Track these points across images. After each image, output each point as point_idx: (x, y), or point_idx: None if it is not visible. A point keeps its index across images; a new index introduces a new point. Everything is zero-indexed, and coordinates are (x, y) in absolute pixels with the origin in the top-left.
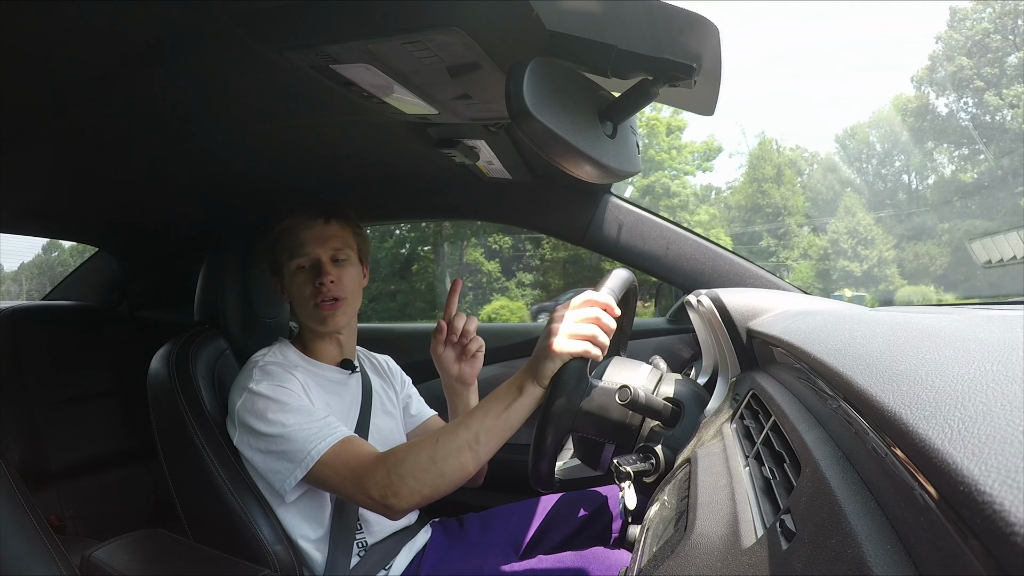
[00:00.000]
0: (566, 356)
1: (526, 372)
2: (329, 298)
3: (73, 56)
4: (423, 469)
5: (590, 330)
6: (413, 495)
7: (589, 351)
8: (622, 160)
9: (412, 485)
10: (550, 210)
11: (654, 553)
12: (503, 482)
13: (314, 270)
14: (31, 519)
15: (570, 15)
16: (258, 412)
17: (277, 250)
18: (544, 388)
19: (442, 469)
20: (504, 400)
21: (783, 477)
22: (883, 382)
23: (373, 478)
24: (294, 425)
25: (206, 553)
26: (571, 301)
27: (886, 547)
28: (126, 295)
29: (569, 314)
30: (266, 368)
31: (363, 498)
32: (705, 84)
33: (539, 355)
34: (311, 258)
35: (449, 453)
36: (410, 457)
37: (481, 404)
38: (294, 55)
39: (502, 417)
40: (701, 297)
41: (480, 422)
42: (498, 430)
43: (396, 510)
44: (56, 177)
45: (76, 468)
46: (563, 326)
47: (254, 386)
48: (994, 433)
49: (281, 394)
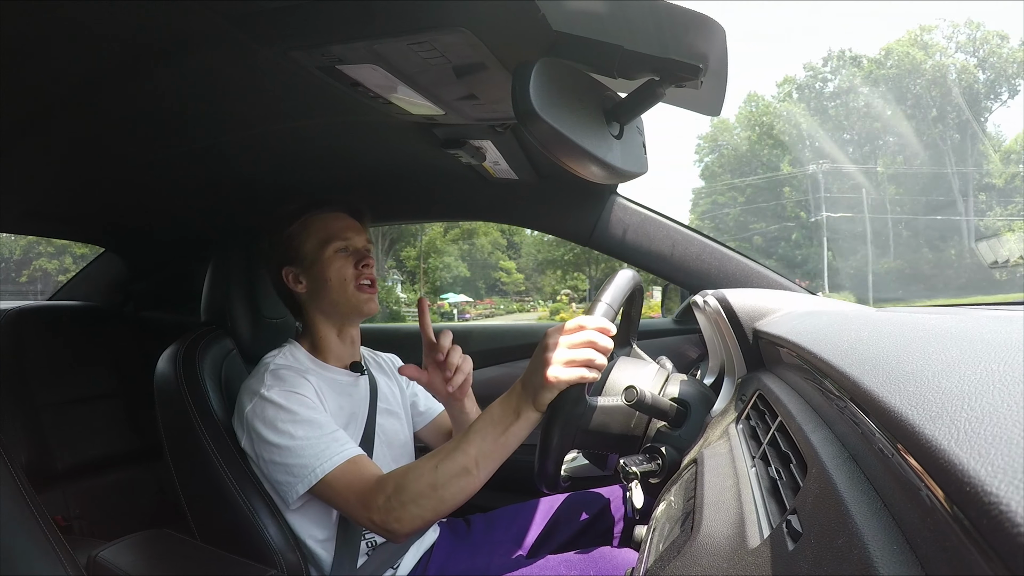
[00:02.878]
0: (562, 385)
1: (522, 396)
2: (369, 282)
3: (77, 56)
4: (424, 496)
5: (585, 355)
6: (415, 520)
7: (585, 377)
8: (628, 161)
9: (413, 511)
10: (556, 210)
11: (661, 553)
12: (509, 482)
13: (356, 254)
14: (37, 519)
15: (576, 15)
16: (268, 420)
17: (301, 239)
18: (541, 413)
19: (442, 495)
20: (501, 424)
21: (789, 478)
22: (890, 383)
23: (375, 503)
24: (302, 438)
25: (212, 553)
26: (564, 325)
27: (892, 548)
28: (131, 295)
29: (563, 340)
30: (278, 373)
31: (365, 521)
32: (711, 84)
33: (535, 383)
34: (352, 244)
35: (449, 479)
36: (410, 484)
37: (478, 427)
38: (300, 56)
39: (499, 441)
40: (707, 297)
41: (478, 447)
42: (496, 454)
43: (398, 535)
44: (61, 177)
45: (82, 468)
46: (557, 354)
47: (265, 392)
48: (1001, 434)
49: (293, 402)
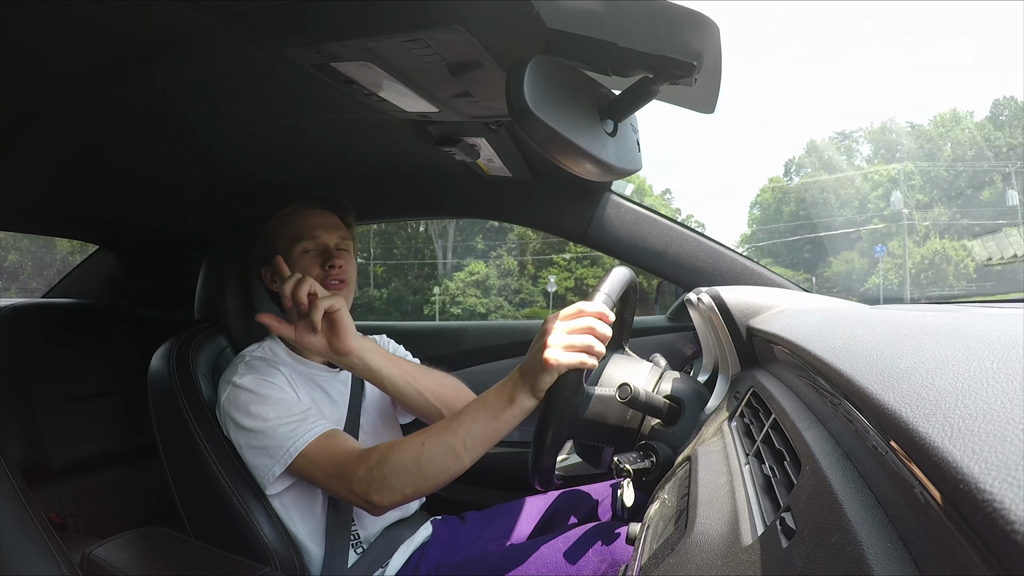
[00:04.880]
0: (562, 369)
1: (518, 383)
2: (336, 279)
3: (72, 54)
4: (406, 470)
5: (584, 341)
6: (395, 493)
7: (585, 362)
8: (623, 158)
9: (394, 484)
10: (551, 208)
11: (654, 551)
12: (504, 479)
13: (323, 254)
14: (31, 517)
15: (571, 13)
16: (240, 406)
17: (275, 237)
18: (538, 400)
19: (425, 472)
20: (494, 409)
21: (783, 475)
22: (883, 380)
23: (356, 474)
24: (274, 419)
25: (206, 551)
26: (563, 311)
27: (886, 545)
28: (126, 293)
29: (562, 325)
30: (251, 363)
31: (345, 492)
32: (705, 82)
33: (533, 367)
34: (319, 242)
35: (434, 457)
36: (394, 456)
37: (470, 409)
38: (294, 53)
39: (490, 426)
40: (701, 295)
41: (467, 429)
42: (485, 438)
43: (378, 506)
44: (56, 175)
45: (76, 466)
46: (556, 338)
47: (238, 379)
48: (994, 431)
49: (263, 388)
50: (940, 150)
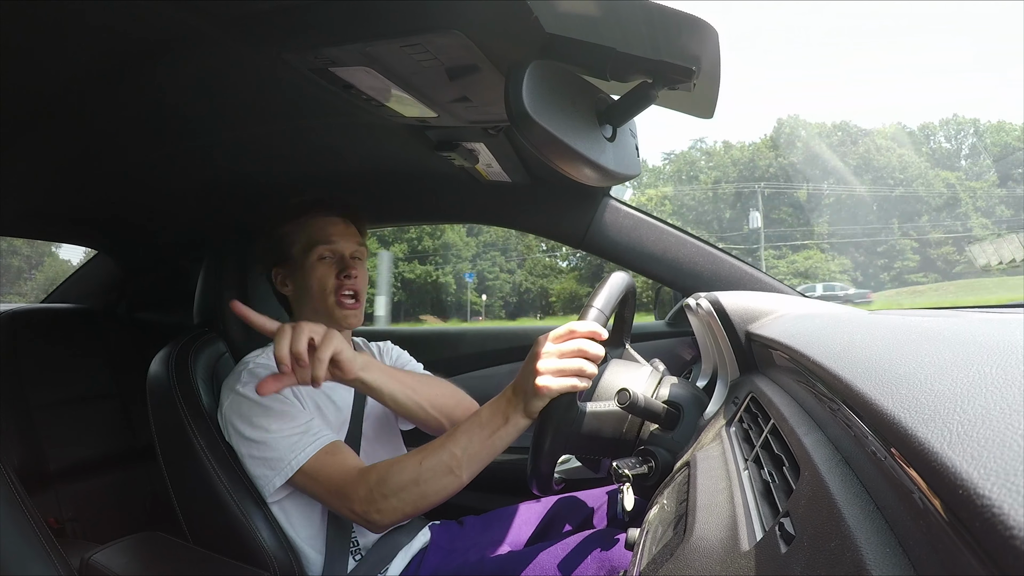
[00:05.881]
0: (553, 394)
1: (511, 401)
2: (351, 293)
3: (71, 56)
4: (405, 489)
5: (575, 365)
6: (395, 513)
7: (576, 386)
8: (621, 163)
9: (394, 503)
10: (549, 213)
11: (653, 556)
12: (503, 485)
13: (339, 263)
14: (30, 521)
15: (569, 17)
16: (243, 415)
17: (291, 240)
18: (531, 419)
19: (424, 491)
20: (489, 427)
21: (782, 480)
22: (882, 385)
23: (356, 494)
24: (276, 431)
25: (205, 556)
26: (553, 332)
27: (885, 550)
28: (125, 297)
29: (552, 348)
30: (255, 371)
31: (345, 511)
32: (704, 87)
33: (526, 390)
34: (336, 249)
35: (432, 476)
36: (393, 476)
37: (466, 427)
38: (293, 58)
39: (487, 444)
40: (700, 300)
41: (464, 447)
42: (482, 455)
43: (378, 525)
44: (54, 179)
45: (75, 470)
46: (547, 363)
47: (240, 388)
48: (993, 436)
49: (267, 398)
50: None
